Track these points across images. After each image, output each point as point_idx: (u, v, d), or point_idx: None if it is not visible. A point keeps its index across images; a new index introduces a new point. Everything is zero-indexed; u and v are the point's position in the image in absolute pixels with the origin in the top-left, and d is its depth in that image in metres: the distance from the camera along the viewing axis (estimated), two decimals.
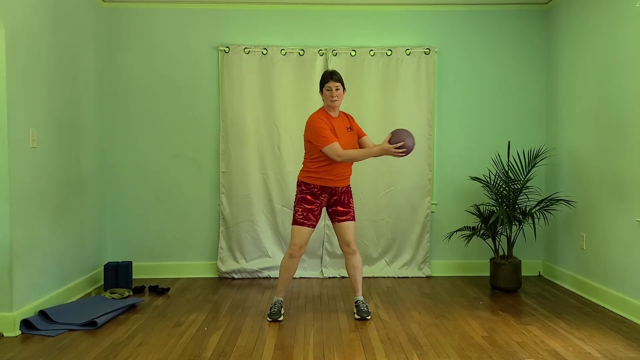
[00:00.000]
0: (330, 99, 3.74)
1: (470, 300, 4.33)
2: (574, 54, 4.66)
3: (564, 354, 3.14)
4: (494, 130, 5.17)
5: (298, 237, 3.78)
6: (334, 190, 3.80)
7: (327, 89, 3.75)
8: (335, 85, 3.73)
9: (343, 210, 3.84)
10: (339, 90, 3.75)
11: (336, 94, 3.74)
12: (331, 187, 3.77)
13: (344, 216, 3.84)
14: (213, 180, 5.15)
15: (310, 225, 3.78)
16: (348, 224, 3.84)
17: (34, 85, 3.78)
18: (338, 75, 3.77)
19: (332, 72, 3.79)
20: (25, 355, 3.15)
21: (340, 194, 3.84)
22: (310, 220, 3.77)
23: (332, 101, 3.75)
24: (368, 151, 3.70)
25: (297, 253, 3.81)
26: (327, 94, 3.76)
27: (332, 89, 3.73)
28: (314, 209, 3.77)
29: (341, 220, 3.84)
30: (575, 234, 4.64)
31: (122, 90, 5.08)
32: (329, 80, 3.74)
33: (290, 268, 3.86)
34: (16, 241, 3.55)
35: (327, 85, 3.75)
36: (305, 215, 3.76)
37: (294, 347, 3.26)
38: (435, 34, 5.15)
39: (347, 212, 3.84)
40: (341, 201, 3.85)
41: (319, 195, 3.77)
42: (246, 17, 5.09)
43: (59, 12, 4.16)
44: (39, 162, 3.85)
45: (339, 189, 3.82)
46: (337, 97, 3.75)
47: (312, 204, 3.76)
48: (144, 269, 5.07)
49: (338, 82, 3.75)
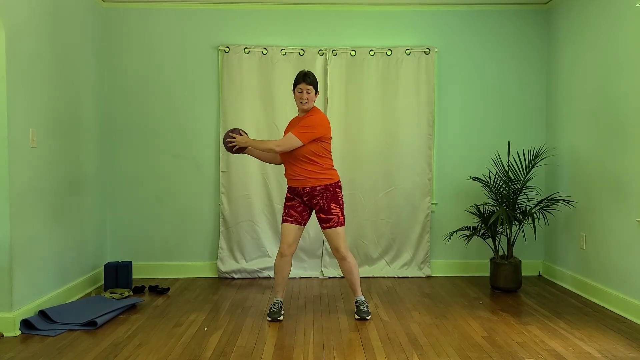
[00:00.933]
0: (300, 100, 3.72)
1: (470, 300, 4.33)
2: (574, 54, 4.66)
3: (564, 354, 3.14)
4: (494, 130, 5.17)
5: (284, 235, 3.80)
6: (296, 191, 3.77)
7: (299, 90, 3.71)
8: (306, 88, 3.68)
9: (324, 217, 3.75)
10: (310, 94, 3.70)
11: (306, 96, 3.69)
12: (291, 187, 3.80)
13: (326, 223, 3.76)
14: (213, 180, 5.15)
15: (293, 222, 3.77)
16: (330, 231, 3.75)
17: (34, 85, 3.78)
18: (311, 78, 3.72)
19: (305, 74, 3.72)
20: (25, 355, 3.15)
21: (318, 198, 3.73)
22: (292, 217, 3.77)
23: (302, 103, 3.72)
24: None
25: (287, 251, 3.79)
26: (297, 96, 3.73)
27: (303, 91, 3.69)
28: (295, 205, 3.78)
29: (324, 227, 3.78)
30: (575, 234, 4.63)
31: (122, 90, 5.08)
32: (301, 82, 3.70)
33: (282, 268, 3.83)
34: (16, 241, 3.55)
35: (299, 87, 3.70)
36: (287, 212, 3.79)
37: (294, 347, 3.26)
38: (435, 34, 5.15)
39: (328, 219, 3.73)
40: (322, 207, 3.75)
41: (294, 195, 3.80)
42: (246, 17, 5.09)
43: (59, 12, 4.16)
44: (38, 162, 3.85)
45: (299, 190, 3.75)
46: (307, 100, 3.70)
47: (291, 201, 3.80)
48: (144, 269, 5.07)
49: (310, 85, 3.69)
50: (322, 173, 3.72)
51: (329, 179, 3.74)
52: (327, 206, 3.73)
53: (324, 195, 3.73)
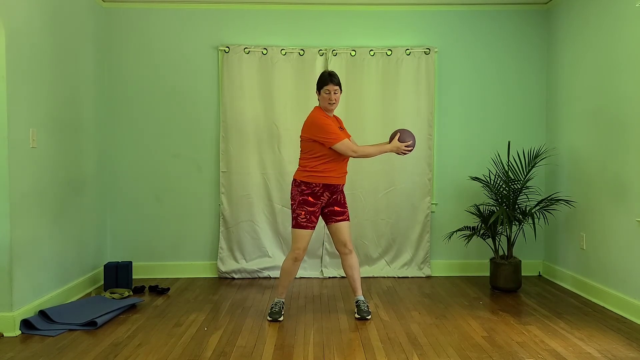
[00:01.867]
0: (329, 101, 3.72)
1: (470, 300, 4.33)
2: (574, 54, 4.66)
3: (564, 354, 3.14)
4: (494, 130, 5.17)
5: (302, 241, 3.76)
6: (336, 187, 3.79)
7: (326, 92, 3.72)
8: (334, 89, 3.71)
9: (340, 210, 3.83)
10: (337, 94, 3.73)
11: (334, 97, 3.72)
12: (334, 184, 3.77)
13: (340, 216, 3.82)
14: (213, 180, 5.15)
15: (312, 228, 3.78)
16: (345, 224, 3.84)
17: (34, 85, 3.78)
18: (337, 79, 3.75)
19: (331, 75, 3.75)
20: (25, 355, 3.15)
21: (339, 193, 3.85)
22: (312, 223, 3.76)
23: (330, 104, 3.73)
24: (381, 147, 3.79)
25: (301, 256, 3.80)
26: (325, 97, 3.73)
27: (331, 92, 3.71)
28: (316, 211, 3.76)
29: (338, 220, 3.82)
30: (575, 234, 4.63)
31: (122, 90, 5.08)
32: (329, 83, 3.71)
33: (293, 272, 3.85)
34: (16, 241, 3.55)
35: (326, 88, 3.71)
36: (308, 219, 3.73)
37: (294, 347, 3.26)
38: (435, 34, 5.15)
39: (343, 212, 3.84)
40: (338, 201, 3.84)
41: (321, 196, 3.75)
42: (246, 17, 5.09)
43: (59, 12, 4.16)
44: (39, 162, 3.85)
45: (339, 187, 3.83)
46: (336, 100, 3.73)
47: (313, 206, 3.74)
48: (144, 269, 5.07)
49: (337, 85, 3.72)
50: None
51: None
52: (343, 200, 3.88)
53: (342, 190, 3.91)
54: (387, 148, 3.76)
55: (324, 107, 3.78)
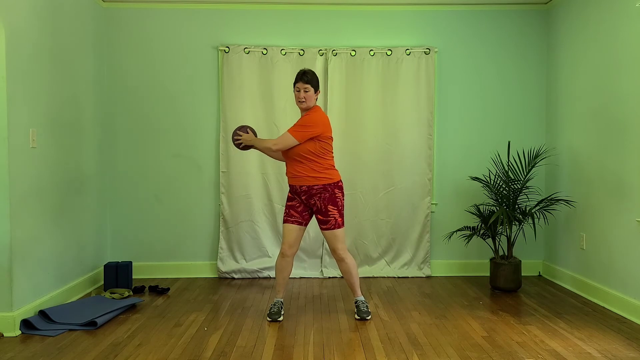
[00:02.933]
0: (298, 100, 3.72)
1: (470, 300, 4.33)
2: (574, 53, 4.66)
3: (564, 354, 3.14)
4: (494, 130, 5.17)
5: (285, 235, 3.80)
6: (294, 189, 3.77)
7: (296, 89, 3.70)
8: (304, 87, 3.67)
9: (322, 219, 3.75)
10: (308, 92, 3.68)
11: (304, 95, 3.68)
12: (290, 185, 3.80)
13: (324, 225, 3.76)
14: (213, 180, 5.15)
15: (294, 222, 3.76)
16: (327, 233, 3.75)
17: (34, 85, 3.78)
18: (309, 76, 3.68)
19: (303, 73, 3.70)
20: (25, 355, 3.15)
21: (315, 199, 3.72)
22: (292, 217, 3.77)
23: (299, 102, 3.72)
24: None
25: (288, 252, 3.79)
26: (295, 95, 3.73)
27: (301, 90, 3.68)
28: (295, 205, 3.78)
29: (322, 229, 3.79)
30: (575, 234, 4.63)
31: (122, 90, 5.08)
32: (298, 81, 3.69)
33: (283, 268, 3.83)
34: (16, 241, 3.55)
35: (296, 86, 3.70)
36: (287, 212, 3.80)
37: (294, 347, 3.26)
38: (435, 34, 5.15)
39: (326, 221, 3.73)
40: (319, 208, 3.73)
41: (295, 194, 3.79)
42: (246, 17, 5.09)
43: (59, 12, 4.16)
44: (39, 162, 3.85)
45: (297, 188, 3.74)
46: (305, 99, 3.68)
47: (292, 201, 3.81)
48: (144, 269, 5.07)
49: (307, 83, 3.67)
50: (321, 172, 3.70)
51: (328, 179, 3.71)
52: (324, 208, 3.72)
53: (322, 196, 3.71)
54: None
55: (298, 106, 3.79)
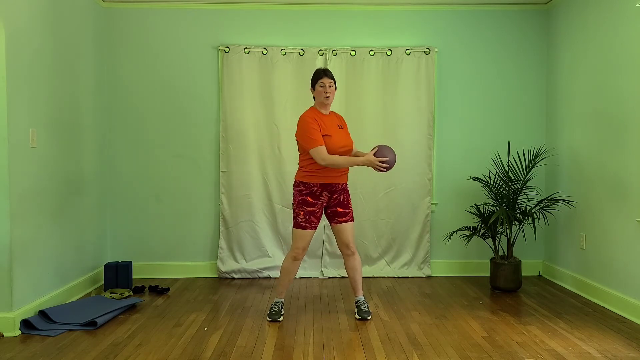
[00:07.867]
0: (324, 95, 3.73)
1: (470, 300, 4.33)
2: (574, 54, 4.66)
3: (564, 354, 3.14)
4: (494, 130, 5.17)
5: (301, 241, 3.76)
6: (334, 187, 3.77)
7: (321, 85, 3.73)
8: (328, 82, 3.73)
9: (342, 211, 3.82)
10: (332, 87, 3.74)
11: (329, 90, 3.73)
12: (331, 184, 3.75)
13: (343, 217, 3.81)
14: (213, 180, 5.15)
15: (313, 228, 3.77)
16: (347, 225, 3.82)
17: (34, 85, 3.78)
18: (331, 73, 3.79)
19: (325, 70, 3.80)
20: (25, 355, 3.15)
21: (340, 193, 3.82)
22: (312, 223, 3.75)
23: (326, 97, 3.73)
24: (353, 160, 3.68)
25: (301, 256, 3.80)
26: (320, 91, 3.74)
27: (326, 85, 3.73)
28: (316, 211, 3.75)
29: (340, 221, 3.81)
30: (575, 234, 4.64)
31: (122, 90, 5.08)
32: (323, 77, 3.73)
33: (292, 271, 3.85)
34: (16, 241, 3.55)
35: (321, 82, 3.73)
36: (307, 219, 3.73)
37: (294, 347, 3.26)
38: (435, 34, 5.15)
39: (346, 212, 3.82)
40: (341, 201, 3.82)
41: (319, 195, 3.74)
42: (246, 17, 5.09)
43: (59, 12, 4.16)
44: (39, 162, 3.85)
45: (338, 186, 3.79)
46: (330, 93, 3.74)
47: (313, 206, 3.73)
48: (144, 269, 5.07)
49: (331, 79, 3.75)
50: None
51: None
52: (346, 200, 3.85)
53: (345, 189, 3.87)
54: (359, 160, 3.66)
55: (320, 103, 3.78)
